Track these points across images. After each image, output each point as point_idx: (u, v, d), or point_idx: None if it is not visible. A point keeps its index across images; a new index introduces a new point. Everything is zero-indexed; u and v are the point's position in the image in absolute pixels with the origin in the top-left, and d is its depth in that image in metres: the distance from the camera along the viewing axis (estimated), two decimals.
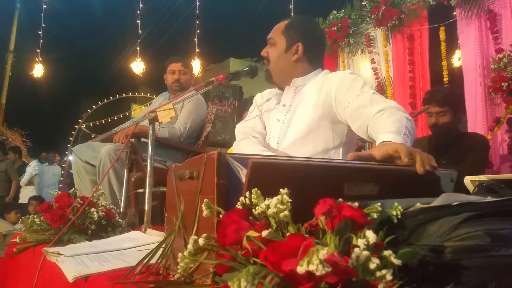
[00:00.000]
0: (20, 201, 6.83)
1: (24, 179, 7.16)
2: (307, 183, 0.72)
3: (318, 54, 1.85)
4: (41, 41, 8.54)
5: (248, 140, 1.81)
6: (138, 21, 7.90)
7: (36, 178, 7.31)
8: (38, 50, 8.56)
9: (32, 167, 7.32)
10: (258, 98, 1.96)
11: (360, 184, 0.79)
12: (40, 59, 8.50)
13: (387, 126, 1.34)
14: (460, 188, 0.94)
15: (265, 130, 1.87)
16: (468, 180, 1.25)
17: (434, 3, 3.97)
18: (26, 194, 6.84)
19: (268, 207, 0.60)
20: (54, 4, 9.01)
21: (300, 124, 1.68)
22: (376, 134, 1.38)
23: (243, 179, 0.77)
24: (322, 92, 1.66)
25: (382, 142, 1.25)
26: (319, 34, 1.92)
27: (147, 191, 1.68)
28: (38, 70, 8.44)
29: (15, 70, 11.55)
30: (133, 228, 1.69)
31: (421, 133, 3.98)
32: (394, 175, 0.86)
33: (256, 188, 0.66)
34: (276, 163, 0.75)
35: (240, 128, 1.91)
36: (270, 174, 0.71)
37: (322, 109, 1.64)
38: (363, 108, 1.52)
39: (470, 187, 1.24)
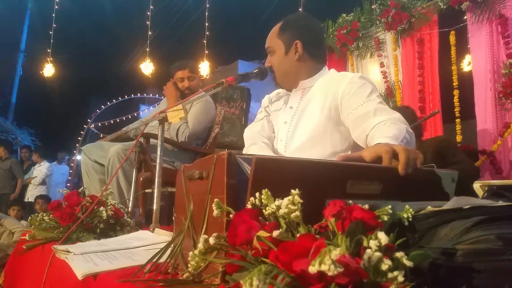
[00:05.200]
0: (29, 200, 6.87)
1: (39, 178, 7.20)
2: (310, 180, 0.72)
3: (319, 48, 1.79)
4: (52, 41, 8.61)
5: (258, 146, 1.79)
6: (148, 23, 7.94)
7: (48, 178, 7.36)
8: (49, 50, 8.63)
9: (46, 167, 7.36)
10: (265, 100, 1.94)
11: (363, 183, 0.79)
12: (51, 59, 8.58)
13: (385, 132, 1.31)
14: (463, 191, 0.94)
15: (274, 133, 1.85)
16: (477, 185, 1.24)
17: (444, 7, 3.95)
18: (35, 193, 6.88)
19: (279, 207, 0.60)
20: (65, 5, 9.09)
21: (307, 126, 1.66)
22: (373, 142, 1.33)
23: None
24: (329, 94, 1.62)
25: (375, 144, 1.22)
26: (315, 27, 1.83)
27: (155, 191, 1.69)
28: (48, 70, 8.51)
29: (25, 69, 11.68)
30: (140, 228, 1.70)
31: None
32: (397, 174, 0.86)
33: (260, 185, 0.67)
34: (279, 160, 0.76)
35: (248, 134, 1.90)
36: (274, 170, 0.72)
37: (328, 112, 1.61)
38: (365, 118, 1.49)
39: (480, 192, 1.23)
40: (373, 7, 4.63)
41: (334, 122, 1.62)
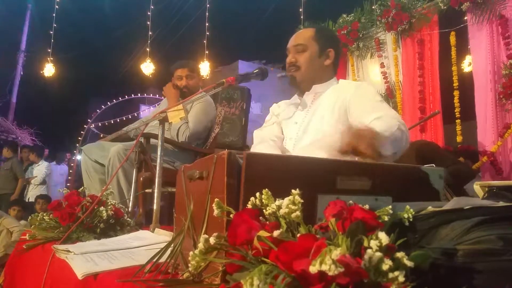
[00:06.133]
0: (29, 200, 6.84)
1: (40, 177, 7.17)
2: (301, 176, 0.74)
3: (338, 62, 1.95)
4: (52, 41, 8.60)
5: (266, 144, 1.84)
6: (148, 23, 7.93)
7: (47, 177, 7.34)
8: (49, 50, 8.62)
9: (45, 166, 7.34)
10: (274, 108, 2.00)
11: (352, 178, 0.81)
12: (51, 58, 8.57)
13: (375, 127, 1.36)
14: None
15: (282, 134, 1.91)
16: (477, 186, 1.24)
17: (445, 7, 3.94)
18: (35, 193, 6.84)
19: (279, 207, 0.60)
20: (65, 5, 9.09)
21: (317, 126, 1.73)
22: None
23: None
24: (340, 98, 1.72)
25: None
26: (340, 43, 2.02)
27: (156, 190, 1.69)
28: (49, 70, 8.50)
29: (26, 69, 11.67)
30: (141, 228, 1.70)
31: (430, 139, 3.96)
32: (386, 170, 0.88)
33: (252, 181, 0.69)
34: (270, 156, 0.78)
35: (257, 133, 1.96)
36: (265, 166, 0.74)
37: (338, 114, 1.69)
38: (364, 114, 1.58)
39: (480, 193, 1.23)
40: (373, 7, 4.63)
41: (344, 124, 1.68)
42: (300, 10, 6.00)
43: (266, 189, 0.66)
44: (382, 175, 0.85)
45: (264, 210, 0.64)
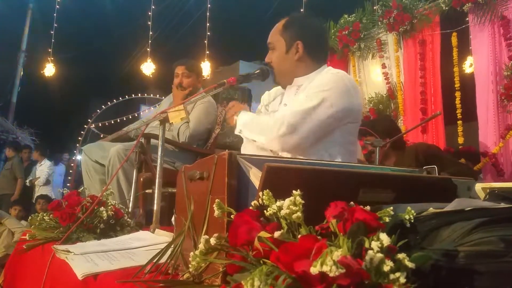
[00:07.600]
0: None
1: (42, 178, 7.14)
2: (322, 188, 0.71)
3: (320, 49, 1.82)
4: (53, 40, 8.59)
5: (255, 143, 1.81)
6: (149, 23, 7.93)
7: (50, 176, 7.32)
8: (49, 50, 8.62)
9: (47, 166, 7.31)
10: (265, 97, 1.98)
11: (375, 191, 0.78)
12: (52, 58, 8.56)
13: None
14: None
15: None
16: (479, 187, 1.24)
17: (446, 8, 3.94)
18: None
19: (280, 208, 0.60)
20: (66, 4, 9.08)
21: None
22: None
23: (252, 178, 0.77)
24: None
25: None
26: (318, 28, 1.86)
27: (156, 191, 1.69)
28: (49, 70, 8.49)
29: (26, 69, 11.66)
30: (141, 228, 1.70)
31: (432, 141, 3.96)
32: (410, 182, 0.85)
33: (267, 190, 0.66)
34: (290, 168, 0.74)
35: None
36: (285, 178, 0.71)
37: None
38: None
39: (481, 194, 1.22)
40: (375, 8, 4.62)
41: None
42: (301, 10, 6.00)
43: (267, 190, 0.66)
44: (406, 187, 0.83)
45: (265, 211, 0.64)
